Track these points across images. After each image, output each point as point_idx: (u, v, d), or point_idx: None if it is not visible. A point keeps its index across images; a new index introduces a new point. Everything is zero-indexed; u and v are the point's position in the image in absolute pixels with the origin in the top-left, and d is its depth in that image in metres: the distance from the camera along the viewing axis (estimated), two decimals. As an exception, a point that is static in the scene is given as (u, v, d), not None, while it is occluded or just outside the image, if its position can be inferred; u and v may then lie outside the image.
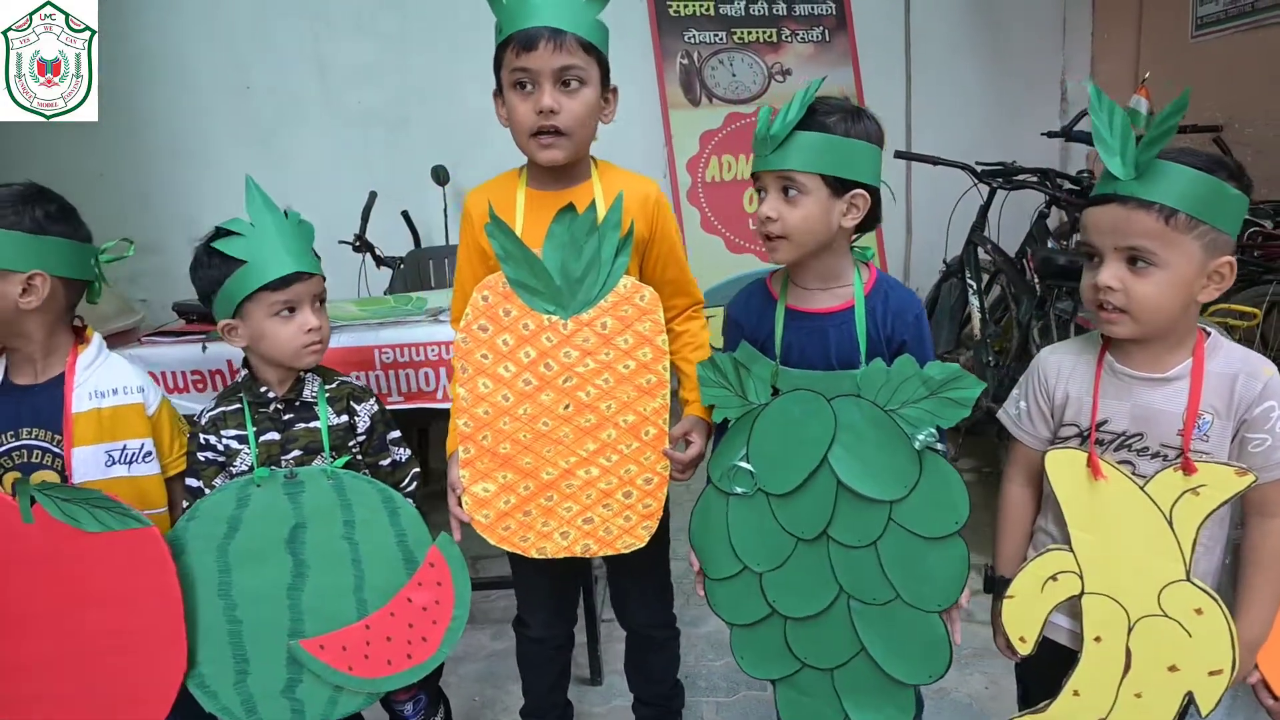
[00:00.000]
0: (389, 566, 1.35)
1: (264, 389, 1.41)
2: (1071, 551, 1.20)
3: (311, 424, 1.40)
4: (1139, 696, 1.18)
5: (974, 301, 3.07)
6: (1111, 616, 1.17)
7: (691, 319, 1.52)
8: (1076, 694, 1.21)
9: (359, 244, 3.28)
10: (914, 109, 4.19)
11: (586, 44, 1.29)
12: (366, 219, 3.39)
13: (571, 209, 1.28)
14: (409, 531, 1.35)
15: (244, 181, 4.05)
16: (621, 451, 1.34)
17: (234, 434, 1.40)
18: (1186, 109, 1.07)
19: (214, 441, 1.40)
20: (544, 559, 1.39)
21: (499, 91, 1.38)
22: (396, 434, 1.49)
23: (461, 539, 1.38)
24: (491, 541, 1.37)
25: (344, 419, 1.43)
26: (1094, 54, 4.31)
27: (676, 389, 1.40)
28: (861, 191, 1.25)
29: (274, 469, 1.32)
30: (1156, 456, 1.17)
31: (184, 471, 1.45)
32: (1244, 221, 1.15)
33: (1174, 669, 1.15)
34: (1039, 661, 1.25)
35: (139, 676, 1.33)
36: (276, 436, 1.40)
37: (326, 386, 1.43)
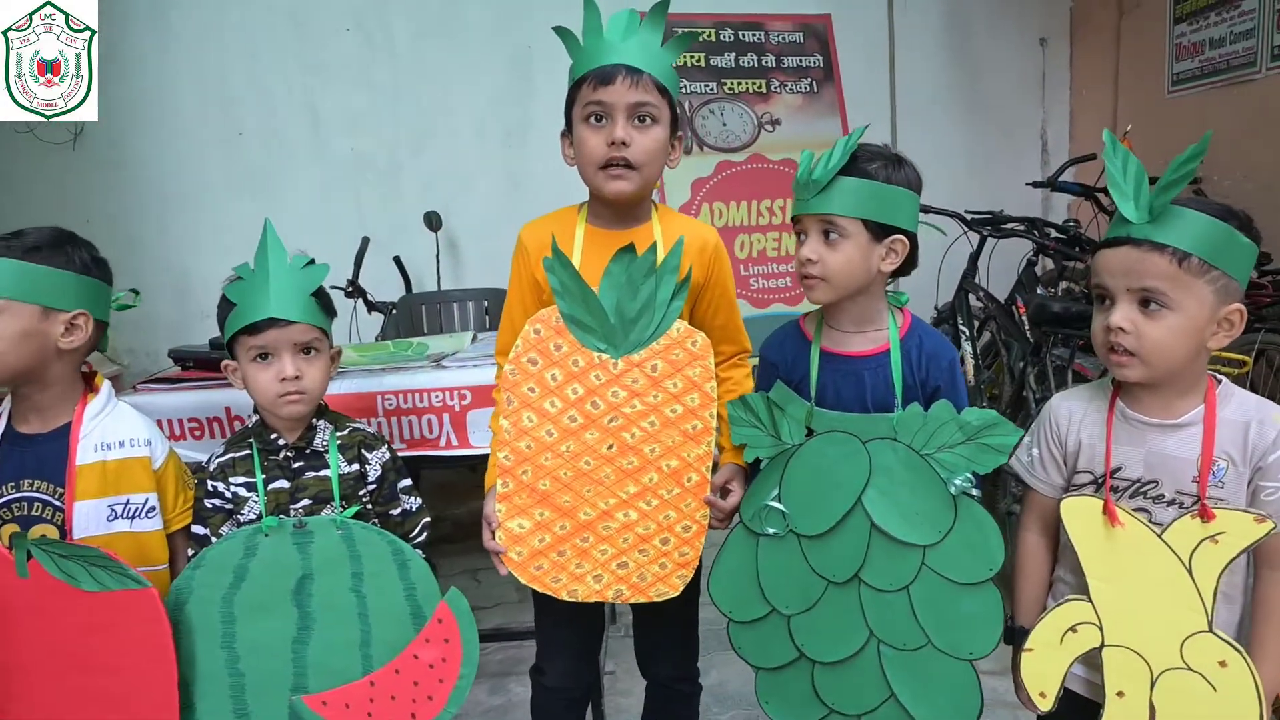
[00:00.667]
0: (396, 621, 1.32)
1: (274, 435, 1.39)
2: (1090, 601, 1.19)
3: (322, 472, 1.38)
4: (1165, 752, 1.16)
5: (966, 347, 3.10)
6: (1134, 670, 1.16)
7: (736, 366, 1.52)
8: (1102, 749, 1.19)
9: (351, 289, 3.27)
10: (900, 159, 4.26)
11: (661, 86, 1.32)
12: (359, 264, 3.39)
13: (631, 249, 1.28)
14: (418, 586, 1.32)
15: (234, 229, 4.04)
16: (662, 496, 1.32)
17: (242, 481, 1.37)
18: (1204, 155, 1.09)
19: (221, 488, 1.38)
20: (573, 602, 1.36)
21: (566, 131, 1.40)
22: (408, 482, 1.47)
23: (506, 574, 1.36)
24: (522, 580, 1.34)
25: (355, 467, 1.41)
26: (1072, 108, 4.44)
27: (716, 437, 1.39)
28: (901, 237, 1.27)
29: (283, 518, 1.30)
30: (1172, 504, 1.17)
31: (188, 525, 1.42)
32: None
33: (1199, 723, 1.13)
34: (1059, 714, 1.23)
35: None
36: (286, 485, 1.37)
37: (338, 434, 1.41)
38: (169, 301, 3.87)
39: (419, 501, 1.48)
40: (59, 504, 1.33)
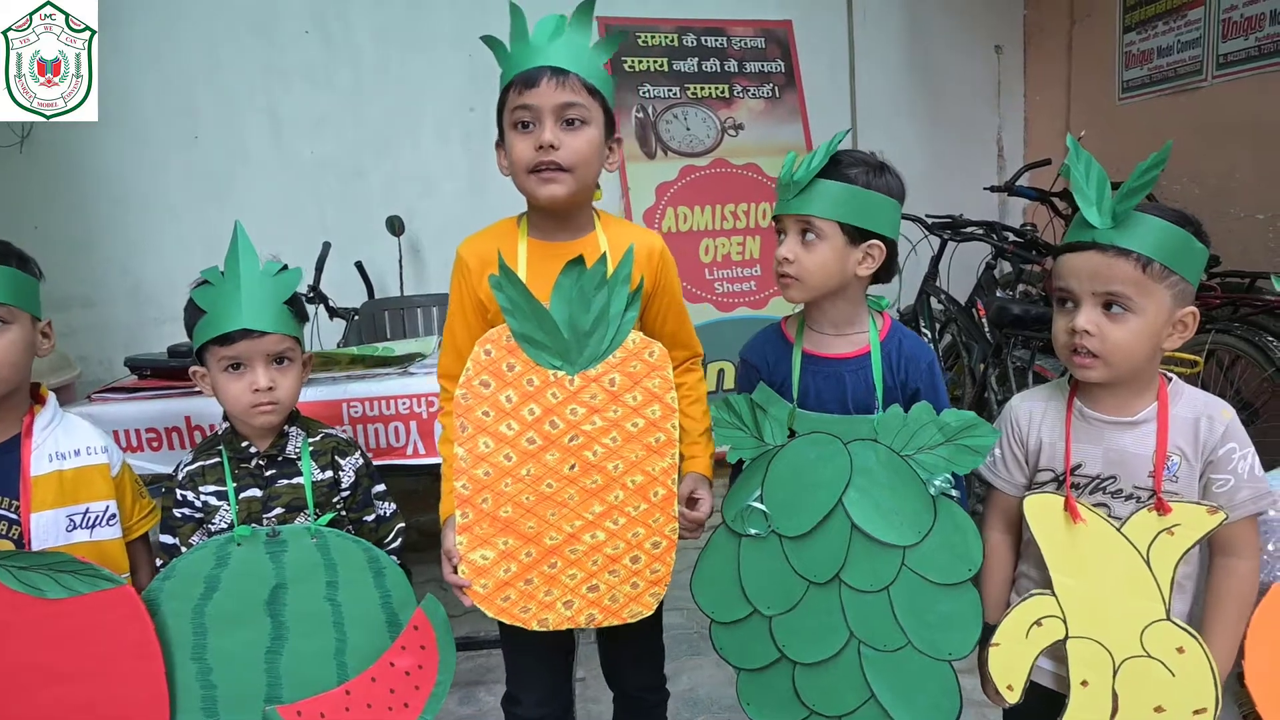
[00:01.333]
0: (372, 629, 1.32)
1: (245, 443, 1.37)
2: (1054, 595, 1.22)
3: (295, 480, 1.36)
4: (1128, 739, 1.19)
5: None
6: (1097, 659, 1.19)
7: (689, 371, 1.50)
8: (1066, 738, 1.23)
9: (312, 295, 3.23)
10: (860, 164, 4.33)
11: (591, 87, 1.29)
12: (321, 270, 3.35)
13: (581, 261, 1.25)
14: (394, 593, 1.31)
15: (193, 233, 3.95)
16: (629, 514, 1.29)
17: (213, 490, 1.35)
18: (1165, 163, 1.13)
19: (191, 497, 1.36)
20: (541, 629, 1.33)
21: (500, 141, 1.35)
22: (381, 488, 1.46)
23: (471, 605, 1.32)
24: (489, 614, 1.30)
25: (328, 474, 1.39)
26: (1027, 114, 4.55)
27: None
28: (877, 242, 1.29)
29: (256, 527, 1.28)
30: (1130, 498, 1.21)
31: (147, 534, 1.39)
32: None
33: (1160, 710, 1.17)
34: (1025, 707, 1.26)
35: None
36: (258, 493, 1.35)
37: (310, 440, 1.40)
38: (122, 308, 3.78)
39: (393, 507, 1.47)
40: (14, 517, 1.30)
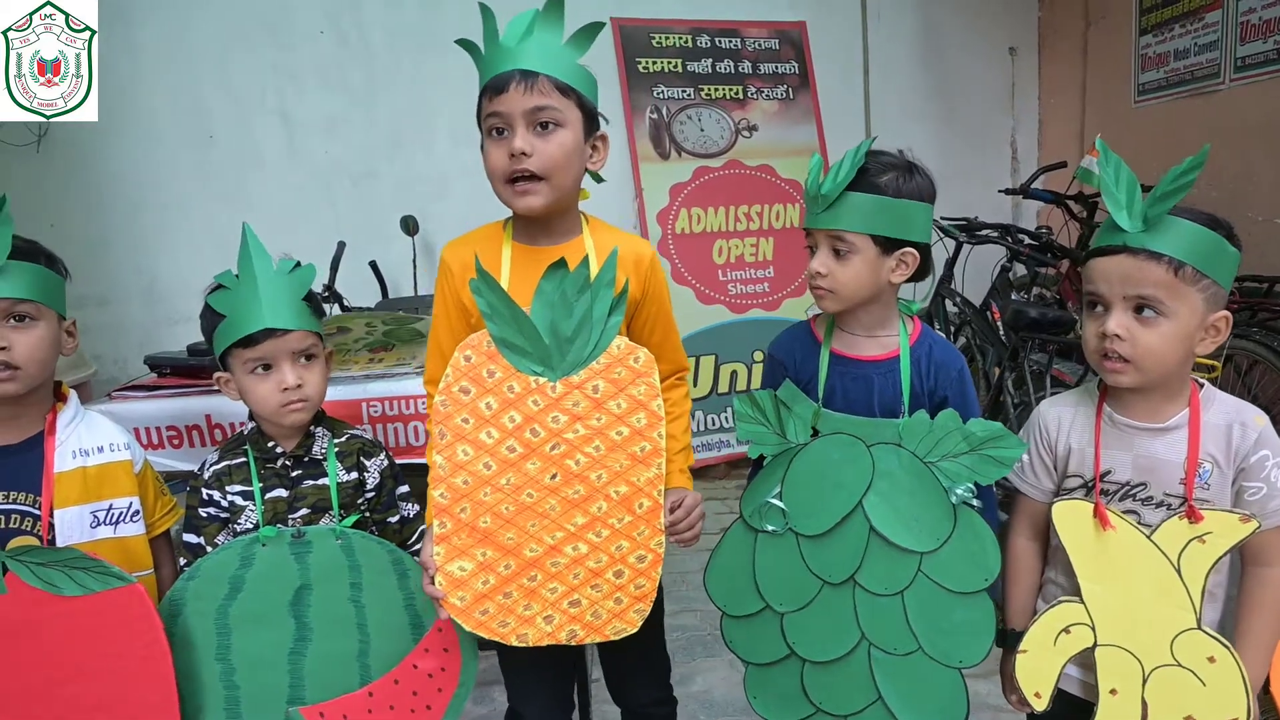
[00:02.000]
0: (396, 631, 1.31)
1: (272, 444, 1.37)
2: (1082, 603, 1.21)
3: (320, 481, 1.36)
4: (1157, 748, 1.19)
5: (942, 352, 3.14)
6: (1126, 668, 1.18)
7: (674, 387, 1.45)
8: (1095, 747, 1.22)
9: (328, 294, 3.24)
10: (874, 166, 4.33)
11: (563, 86, 1.24)
12: (335, 269, 3.36)
13: (563, 265, 1.21)
14: (418, 595, 1.31)
15: (207, 233, 3.95)
16: (613, 526, 1.24)
17: (239, 489, 1.35)
18: (1202, 167, 1.12)
19: (217, 497, 1.35)
20: None
21: (483, 145, 1.32)
22: (405, 489, 1.46)
23: (447, 618, 1.27)
24: (467, 628, 1.24)
25: (354, 475, 1.39)
26: (1041, 117, 4.53)
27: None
28: (911, 250, 1.27)
29: (281, 528, 1.28)
30: (1161, 506, 1.20)
31: (169, 531, 1.40)
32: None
33: (1190, 719, 1.16)
34: (1052, 714, 1.25)
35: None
36: (284, 493, 1.35)
37: (336, 441, 1.40)
38: (138, 307, 3.80)
39: (416, 508, 1.47)
40: (36, 512, 1.30)
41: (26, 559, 1.21)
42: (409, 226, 3.70)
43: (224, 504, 1.36)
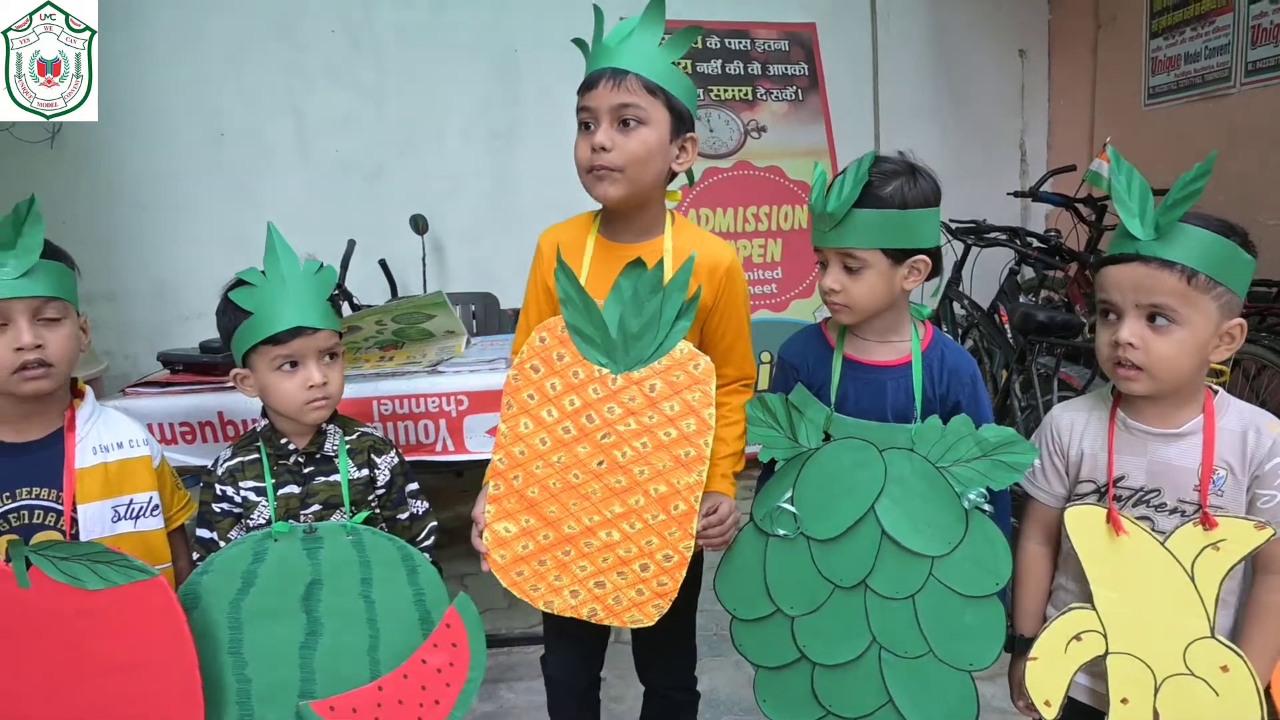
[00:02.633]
0: (405, 626, 1.31)
1: (284, 440, 1.37)
2: (1094, 610, 1.21)
3: (332, 478, 1.37)
4: (1168, 759, 1.18)
5: (951, 355, 3.14)
6: (1138, 676, 1.18)
7: (736, 393, 1.46)
8: (1105, 756, 1.21)
9: (337, 293, 3.25)
10: (882, 168, 4.32)
11: (651, 85, 1.28)
12: (345, 267, 3.36)
13: (640, 264, 1.25)
14: (427, 591, 1.31)
15: (217, 231, 3.95)
16: (646, 521, 1.29)
17: (252, 485, 1.36)
18: (1210, 174, 1.11)
19: (231, 492, 1.36)
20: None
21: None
22: (414, 486, 1.47)
23: (486, 570, 1.34)
24: (503, 583, 1.32)
25: (364, 472, 1.40)
26: (1051, 119, 4.53)
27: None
28: (923, 257, 1.27)
29: (293, 524, 1.29)
30: (1175, 512, 1.19)
31: (184, 525, 1.40)
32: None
33: (1202, 727, 1.16)
34: (1061, 720, 1.26)
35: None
36: (296, 490, 1.36)
37: (347, 438, 1.41)
38: (148, 304, 3.81)
39: (426, 505, 1.48)
40: (59, 508, 1.30)
41: (50, 553, 1.21)
42: (418, 225, 3.71)
43: (237, 499, 1.36)
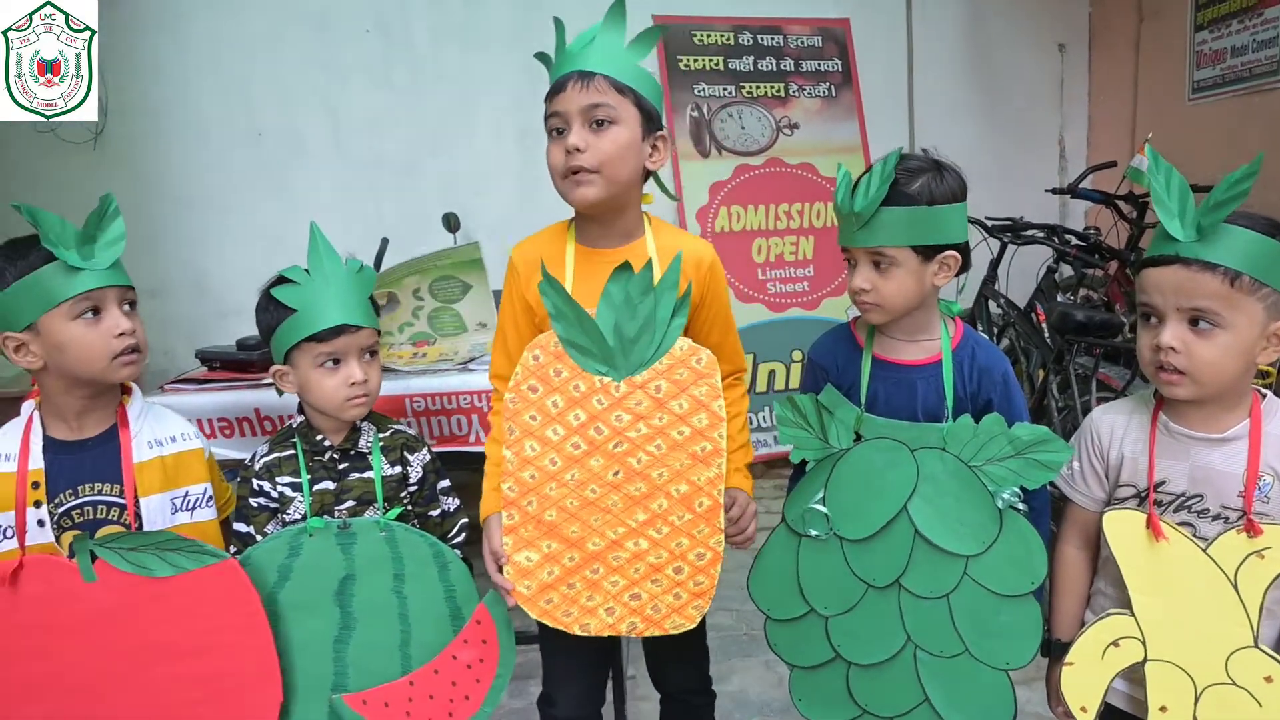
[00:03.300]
0: (436, 622, 1.33)
1: (320, 437, 1.39)
2: (1133, 616, 1.19)
3: (366, 474, 1.38)
4: (1209, 769, 1.16)
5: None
6: (1177, 685, 1.16)
7: (731, 387, 1.46)
8: (1143, 765, 1.19)
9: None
10: (916, 165, 4.27)
11: (620, 85, 1.27)
12: (379, 265, 3.39)
13: (628, 267, 1.24)
14: (458, 587, 1.33)
15: (254, 229, 4.00)
16: (673, 523, 1.27)
17: (288, 481, 1.38)
18: (1256, 175, 1.08)
19: (268, 488, 1.38)
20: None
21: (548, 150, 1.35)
22: (446, 483, 1.48)
23: (514, 606, 1.32)
24: (533, 615, 1.29)
25: (397, 469, 1.41)
26: (1091, 115, 4.44)
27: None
28: (952, 252, 1.26)
29: (328, 519, 1.31)
30: (1218, 519, 1.17)
31: (228, 516, 1.43)
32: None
33: (1245, 738, 1.13)
34: (1098, 727, 1.23)
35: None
36: (331, 486, 1.38)
37: (381, 436, 1.42)
38: (186, 301, 3.88)
39: (457, 502, 1.49)
40: (122, 502, 1.32)
41: (115, 545, 1.24)
42: (451, 224, 3.72)
43: (274, 495, 1.38)
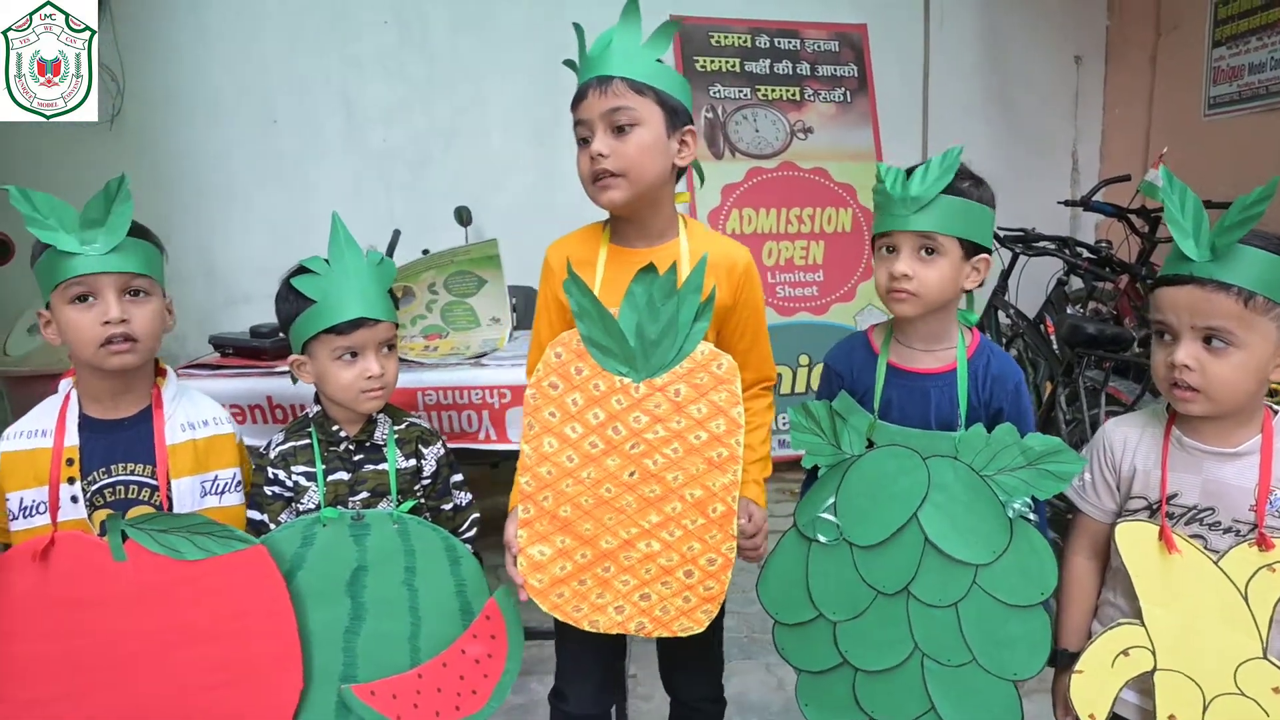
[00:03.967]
0: (446, 616, 1.34)
1: (336, 428, 1.40)
2: (1143, 626, 1.19)
3: (380, 466, 1.39)
4: (1215, 778, 1.16)
5: (994, 364, 3.10)
6: (1186, 694, 1.16)
7: (757, 397, 1.45)
8: (1150, 774, 1.20)
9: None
10: (929, 172, 4.27)
11: (639, 85, 1.27)
12: (391, 257, 3.40)
13: (652, 269, 1.23)
14: (468, 582, 1.34)
15: (267, 217, 4.01)
16: (686, 527, 1.27)
17: (303, 470, 1.38)
18: (1272, 197, 1.08)
19: (283, 476, 1.39)
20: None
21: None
22: (459, 477, 1.49)
23: (526, 599, 1.32)
24: (543, 608, 1.29)
25: (412, 462, 1.42)
26: (1105, 128, 4.44)
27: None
28: (985, 257, 1.28)
29: (342, 510, 1.31)
30: (1229, 532, 1.17)
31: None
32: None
33: (1252, 749, 1.14)
34: (1105, 737, 1.24)
35: (251, 707, 1.29)
36: (346, 476, 1.38)
37: (396, 428, 1.43)
38: (199, 287, 3.89)
39: (469, 497, 1.49)
40: (154, 483, 1.33)
41: (148, 526, 1.25)
42: (463, 217, 3.74)
43: (288, 483, 1.39)
